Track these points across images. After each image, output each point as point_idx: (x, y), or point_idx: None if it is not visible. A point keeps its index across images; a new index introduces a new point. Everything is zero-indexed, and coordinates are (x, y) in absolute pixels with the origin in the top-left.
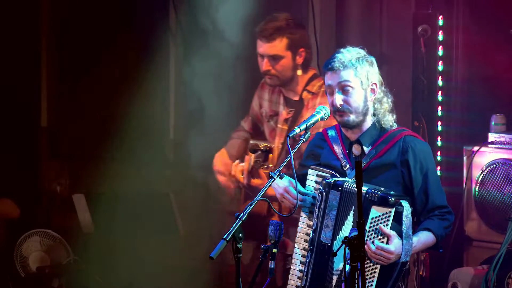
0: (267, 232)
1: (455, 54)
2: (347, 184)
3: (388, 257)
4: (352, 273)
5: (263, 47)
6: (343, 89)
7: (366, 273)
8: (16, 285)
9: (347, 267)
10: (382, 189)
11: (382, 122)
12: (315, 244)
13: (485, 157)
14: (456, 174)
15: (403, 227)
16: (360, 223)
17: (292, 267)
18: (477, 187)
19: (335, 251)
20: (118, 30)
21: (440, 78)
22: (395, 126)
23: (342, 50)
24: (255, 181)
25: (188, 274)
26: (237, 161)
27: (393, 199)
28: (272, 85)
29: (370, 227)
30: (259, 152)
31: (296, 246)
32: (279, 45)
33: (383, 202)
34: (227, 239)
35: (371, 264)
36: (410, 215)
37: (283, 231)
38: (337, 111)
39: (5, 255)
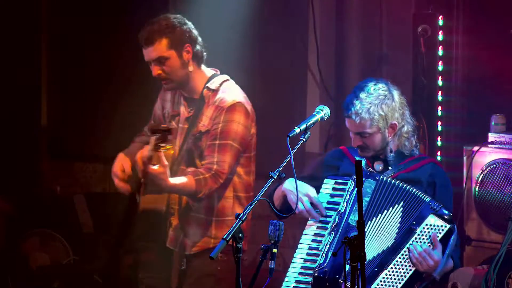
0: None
1: (455, 54)
2: (384, 176)
3: (429, 263)
4: (352, 273)
5: (145, 54)
6: (361, 135)
7: (398, 272)
8: (16, 285)
9: (347, 267)
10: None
11: (402, 148)
12: (341, 226)
13: (485, 157)
14: (456, 174)
15: (448, 246)
16: (360, 223)
17: (288, 273)
18: (477, 187)
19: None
20: (118, 30)
21: (440, 78)
22: (417, 152)
23: (360, 94)
24: (156, 169)
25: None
26: (143, 149)
27: (451, 217)
28: (172, 90)
29: (422, 232)
30: (160, 134)
31: (297, 250)
32: (159, 47)
33: (443, 215)
34: (227, 239)
35: (408, 266)
36: (455, 241)
37: (283, 231)
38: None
39: (5, 255)
